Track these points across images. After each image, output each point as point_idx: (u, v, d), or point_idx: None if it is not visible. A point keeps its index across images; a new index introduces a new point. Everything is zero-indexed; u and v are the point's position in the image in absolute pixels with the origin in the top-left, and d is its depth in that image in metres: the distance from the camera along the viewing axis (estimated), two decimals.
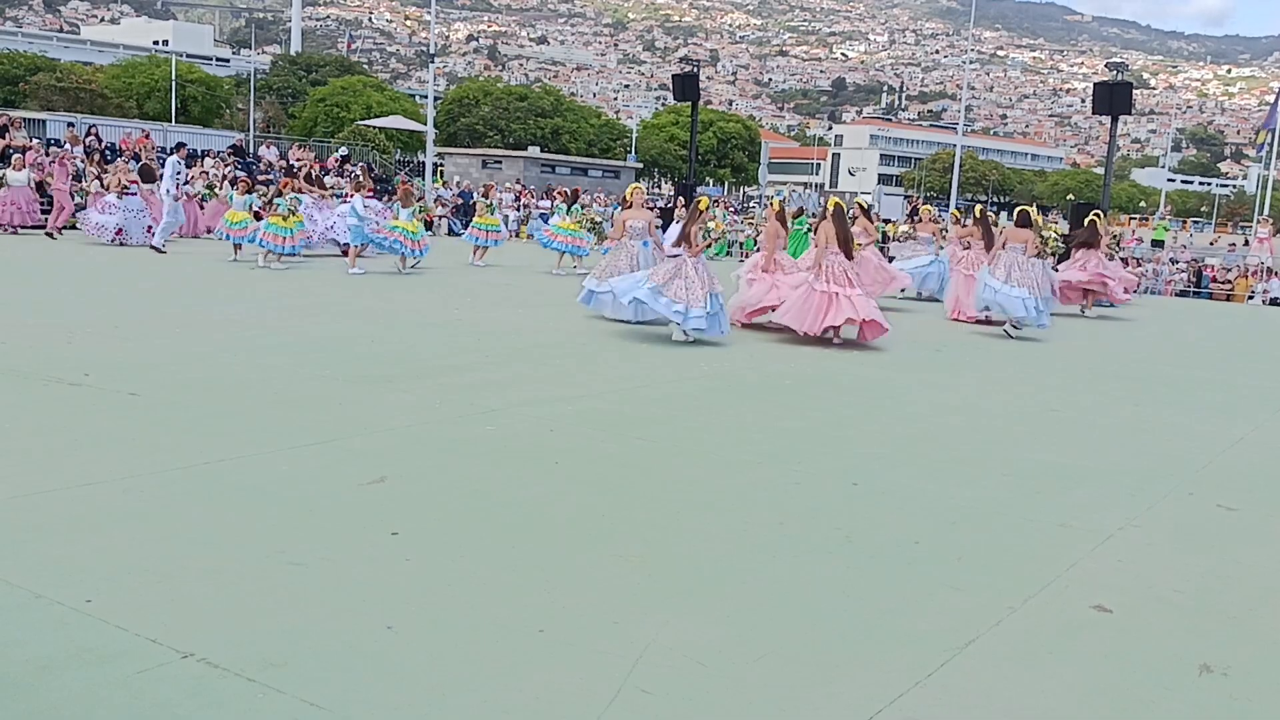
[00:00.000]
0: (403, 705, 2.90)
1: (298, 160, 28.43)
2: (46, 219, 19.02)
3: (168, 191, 17.51)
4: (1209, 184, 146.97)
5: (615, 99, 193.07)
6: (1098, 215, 16.79)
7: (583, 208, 20.36)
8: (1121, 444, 6.90)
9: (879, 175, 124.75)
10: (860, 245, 12.50)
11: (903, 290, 16.17)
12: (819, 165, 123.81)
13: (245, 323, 9.88)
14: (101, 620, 3.28)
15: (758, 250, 13.51)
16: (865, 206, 16.56)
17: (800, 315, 10.55)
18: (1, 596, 3.44)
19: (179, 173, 17.96)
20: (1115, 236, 17.47)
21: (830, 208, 11.26)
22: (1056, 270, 15.23)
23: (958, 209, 23.68)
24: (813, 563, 4.24)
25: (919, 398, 8.28)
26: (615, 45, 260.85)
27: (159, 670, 2.99)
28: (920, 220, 18.44)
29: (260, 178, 24.09)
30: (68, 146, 24.42)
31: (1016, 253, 12.45)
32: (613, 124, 69.63)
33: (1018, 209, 13.44)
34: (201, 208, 21.40)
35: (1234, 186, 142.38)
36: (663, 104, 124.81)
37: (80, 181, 21.57)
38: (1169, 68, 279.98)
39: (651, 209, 11.93)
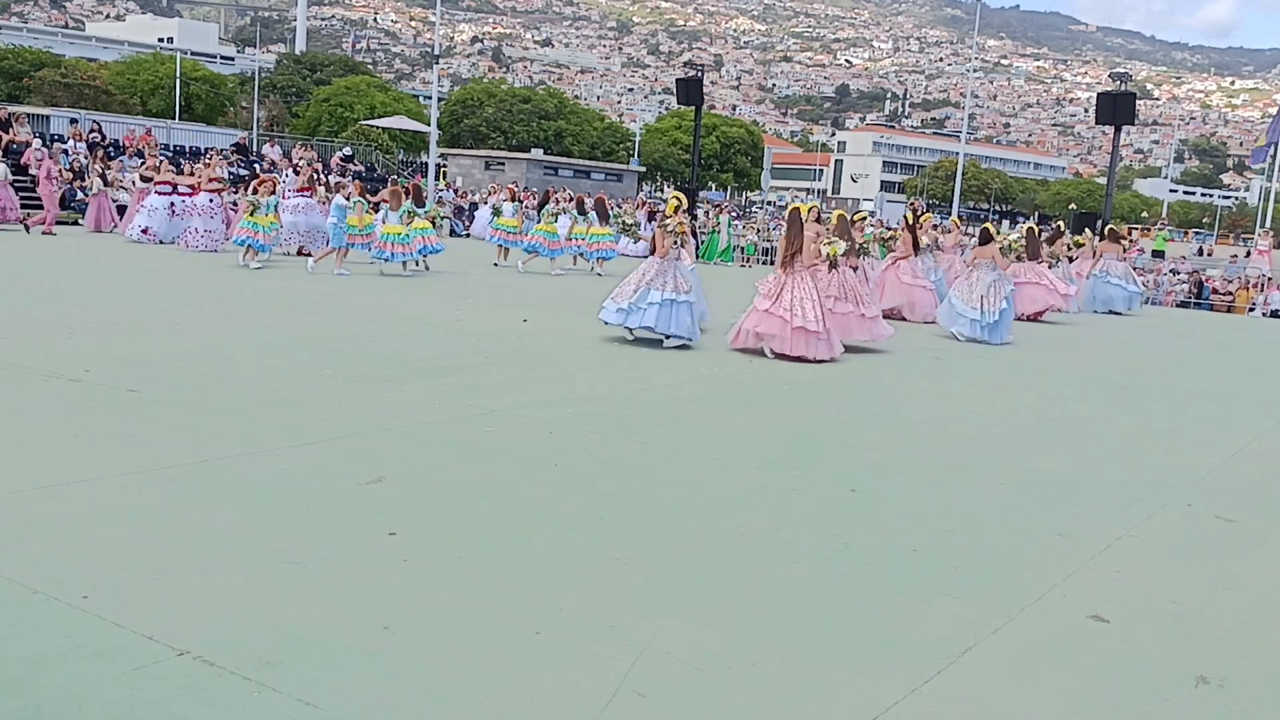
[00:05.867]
0: (398, 705, 2.90)
1: (300, 160, 28.45)
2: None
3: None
4: (1211, 195, 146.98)
5: (619, 102, 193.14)
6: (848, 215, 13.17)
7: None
8: (1120, 453, 6.90)
9: (881, 182, 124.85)
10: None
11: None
12: (822, 171, 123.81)
13: (245, 321, 9.88)
14: (98, 616, 3.28)
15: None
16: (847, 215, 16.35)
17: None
18: None
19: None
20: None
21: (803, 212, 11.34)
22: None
23: (958, 217, 23.50)
24: (810, 568, 4.23)
25: (918, 405, 8.28)
26: (620, 49, 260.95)
27: (154, 667, 2.98)
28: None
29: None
30: (71, 142, 24.46)
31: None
32: (616, 127, 69.65)
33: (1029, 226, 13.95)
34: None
35: (1236, 198, 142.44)
36: (666, 108, 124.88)
37: (83, 179, 21.65)
38: (1172, 79, 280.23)
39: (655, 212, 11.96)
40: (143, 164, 20.76)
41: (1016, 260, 13.73)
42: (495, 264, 19.06)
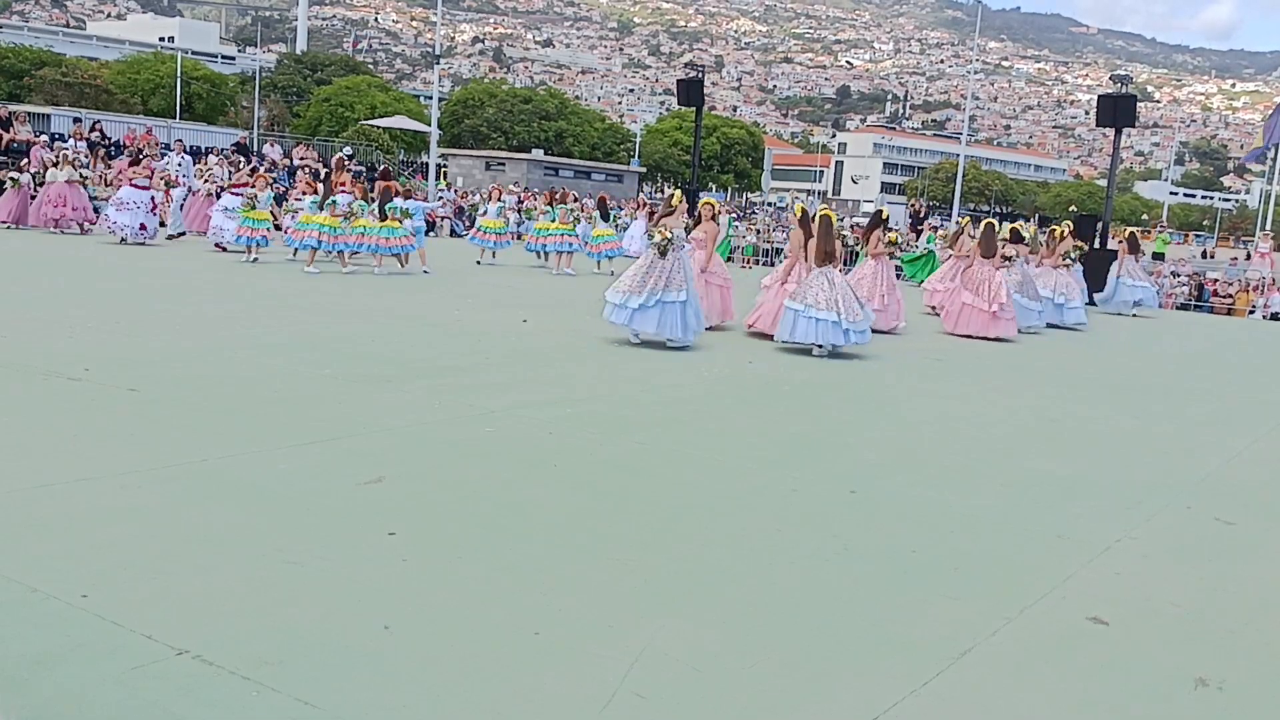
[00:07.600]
0: (398, 706, 2.90)
1: (300, 159, 28.46)
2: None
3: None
4: (1211, 198, 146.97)
5: (620, 103, 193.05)
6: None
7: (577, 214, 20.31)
8: (1120, 455, 6.90)
9: (882, 184, 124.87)
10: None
11: None
12: (822, 173, 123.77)
13: (245, 321, 9.89)
14: (97, 616, 3.27)
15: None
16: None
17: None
18: None
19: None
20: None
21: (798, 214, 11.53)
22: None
23: (964, 217, 23.09)
24: (809, 569, 4.23)
25: (918, 406, 8.28)
26: (621, 49, 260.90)
27: (153, 667, 2.98)
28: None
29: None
30: (71, 141, 24.46)
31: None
32: (617, 128, 69.58)
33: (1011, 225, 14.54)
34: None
35: (1236, 201, 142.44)
36: (667, 109, 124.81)
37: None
38: (1173, 81, 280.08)
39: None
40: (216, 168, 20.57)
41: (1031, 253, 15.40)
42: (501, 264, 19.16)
